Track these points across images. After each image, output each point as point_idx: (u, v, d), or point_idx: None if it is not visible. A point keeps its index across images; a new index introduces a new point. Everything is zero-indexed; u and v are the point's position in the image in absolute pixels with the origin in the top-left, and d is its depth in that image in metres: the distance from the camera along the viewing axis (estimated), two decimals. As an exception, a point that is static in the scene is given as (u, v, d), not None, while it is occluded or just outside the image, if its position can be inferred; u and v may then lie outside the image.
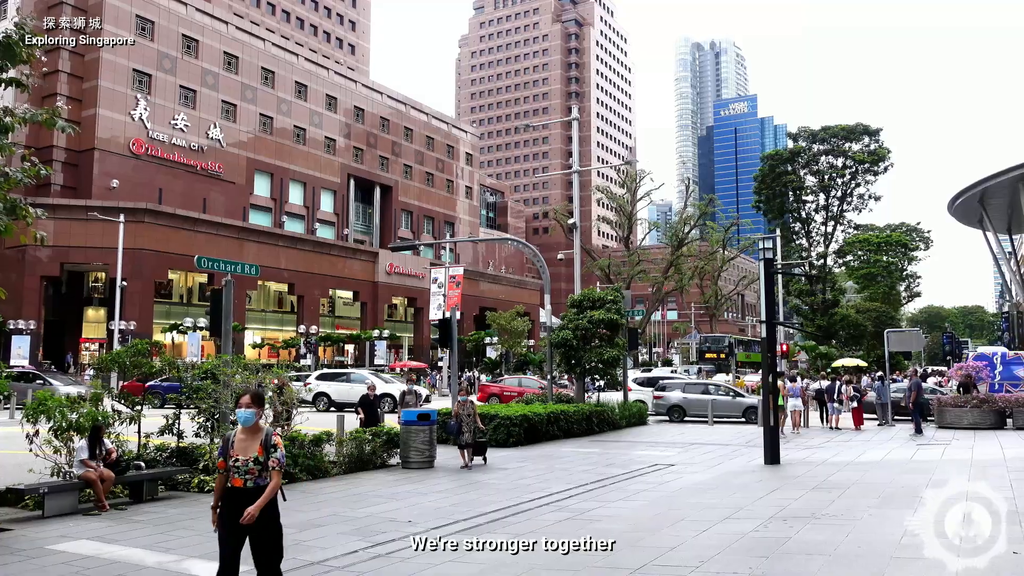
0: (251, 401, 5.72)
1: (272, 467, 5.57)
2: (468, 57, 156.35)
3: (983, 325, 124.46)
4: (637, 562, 7.16)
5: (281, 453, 5.64)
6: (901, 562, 7.07)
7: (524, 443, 18.34)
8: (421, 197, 79.58)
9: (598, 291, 25.72)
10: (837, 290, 68.91)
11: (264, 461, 5.57)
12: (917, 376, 24.80)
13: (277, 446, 5.62)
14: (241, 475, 5.54)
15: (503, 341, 55.10)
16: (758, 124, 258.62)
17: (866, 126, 64.62)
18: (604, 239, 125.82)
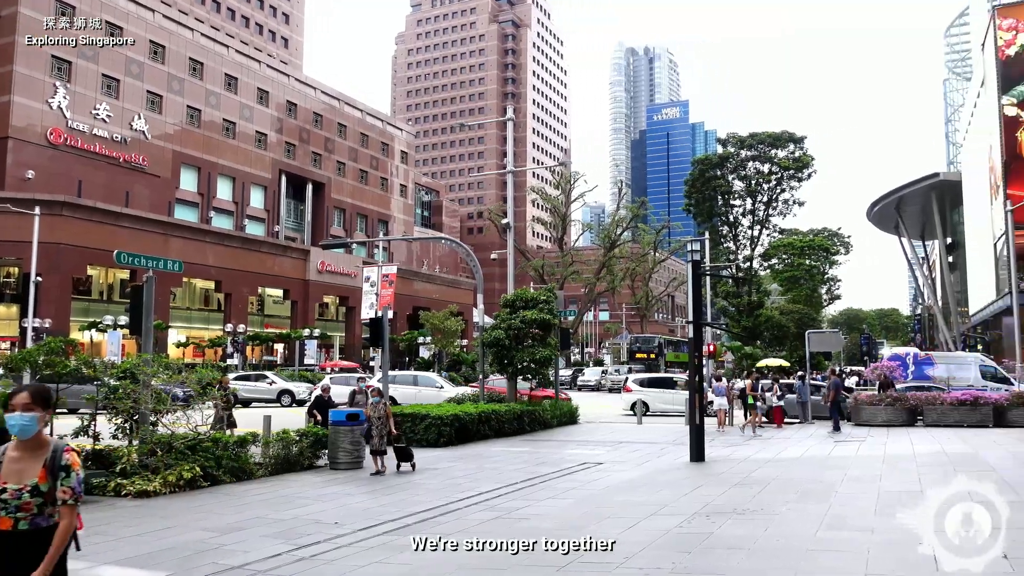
0: (30, 400, 3.84)
1: (63, 500, 3.74)
2: (404, 55, 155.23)
3: (898, 327, 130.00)
4: (562, 560, 7.21)
5: (77, 479, 3.79)
6: (816, 554, 7.32)
7: (455, 443, 18.29)
8: (354, 195, 78.57)
9: (531, 291, 25.88)
10: (762, 292, 71.05)
11: (48, 491, 3.74)
12: (836, 376, 25.72)
13: (71, 468, 3.79)
14: (9, 512, 3.70)
15: (436, 341, 54.87)
16: (689, 129, 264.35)
17: (791, 134, 66.80)
18: (538, 240, 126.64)
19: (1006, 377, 27.70)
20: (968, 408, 22.47)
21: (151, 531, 8.85)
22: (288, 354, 59.49)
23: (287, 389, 34.23)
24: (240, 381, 33.46)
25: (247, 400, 31.60)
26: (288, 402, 32.67)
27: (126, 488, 11.01)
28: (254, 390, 33.48)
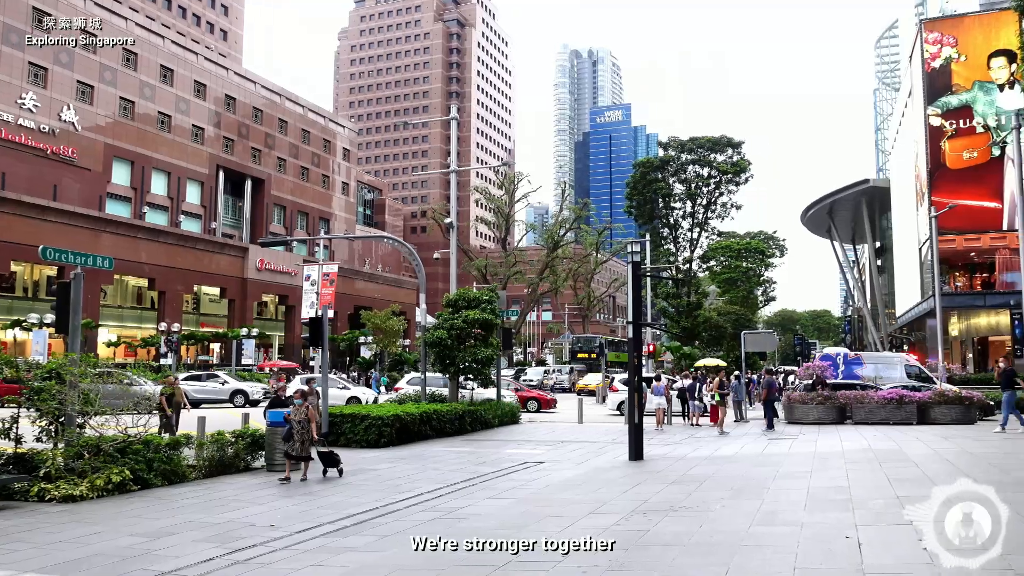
0: None
1: None
2: (348, 51, 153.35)
3: (830, 328, 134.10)
4: (503, 558, 7.24)
5: None
6: (749, 549, 7.50)
7: (396, 443, 18.17)
8: (295, 192, 77.26)
9: (474, 291, 25.87)
10: (701, 293, 72.35)
11: None
12: (770, 375, 26.40)
13: None
14: None
15: (378, 341, 54.39)
16: (631, 132, 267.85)
17: (730, 139, 68.25)
18: (482, 239, 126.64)
19: (929, 376, 28.84)
20: (894, 406, 23.33)
21: (76, 537, 8.55)
22: (225, 354, 58.17)
23: (240, 389, 33.38)
24: (191, 382, 32.72)
25: (197, 400, 30.33)
26: (242, 402, 31.91)
27: (50, 493, 10.62)
28: (205, 390, 32.61)
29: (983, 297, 41.27)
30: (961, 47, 41.35)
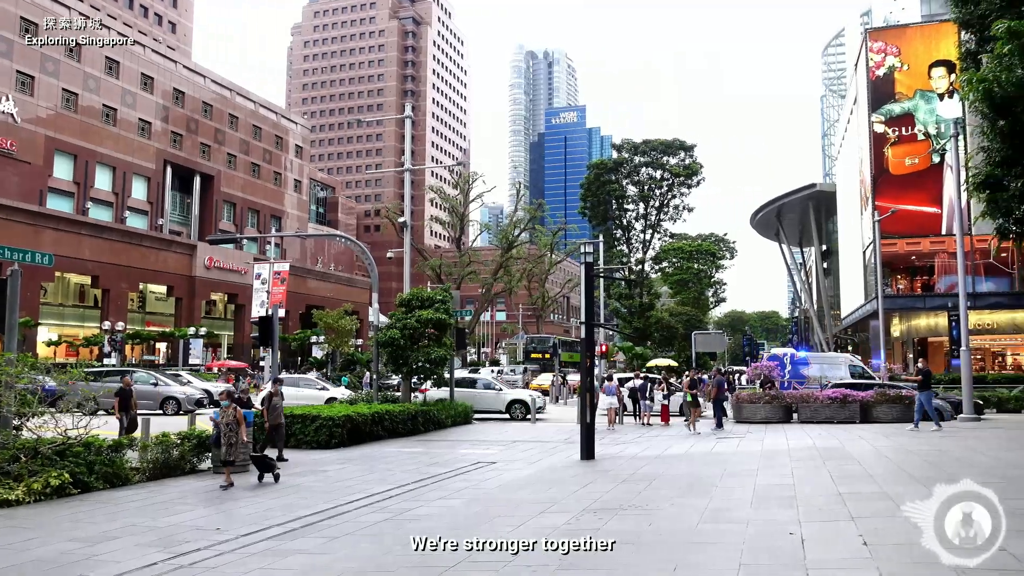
0: None
1: None
2: (301, 47, 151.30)
3: (778, 328, 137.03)
4: (453, 559, 7.22)
5: None
6: (696, 546, 7.62)
7: (347, 444, 18.01)
8: (246, 189, 75.87)
9: (428, 291, 25.78)
10: (653, 294, 73.27)
11: None
12: (719, 375, 26.84)
13: None
14: None
15: (330, 340, 53.73)
16: (586, 134, 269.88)
17: (682, 142, 69.23)
18: (436, 239, 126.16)
19: (872, 376, 29.66)
20: (838, 405, 23.94)
21: (12, 543, 8.27)
22: (171, 353, 56.86)
23: (204, 389, 32.47)
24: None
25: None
26: (206, 403, 31.18)
27: (-15, 498, 10.25)
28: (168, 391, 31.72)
29: (923, 299, 42.61)
30: (904, 56, 42.63)
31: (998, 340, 42.18)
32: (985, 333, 40.44)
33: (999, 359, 42.47)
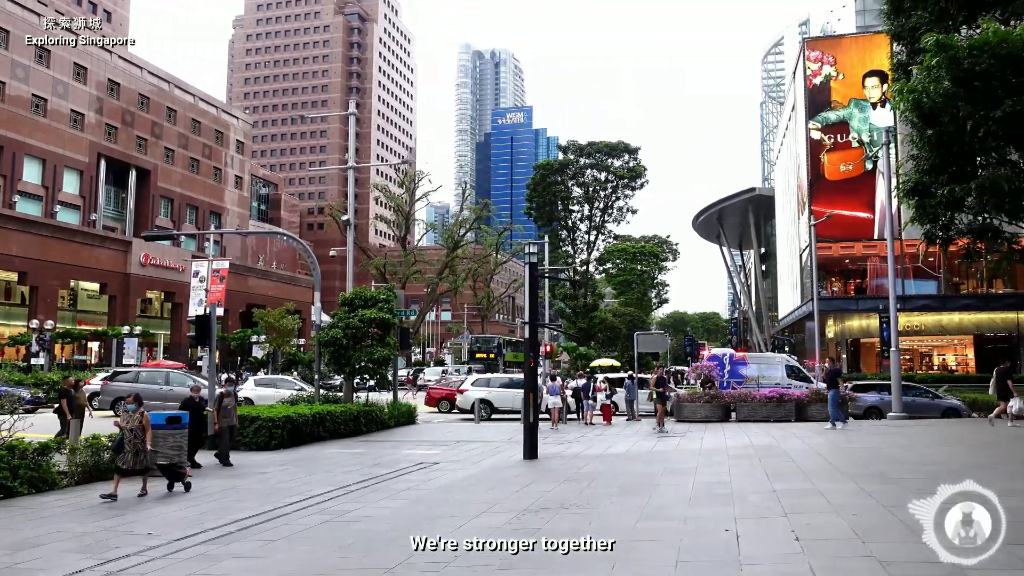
0: None
1: None
2: (243, 39, 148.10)
3: (718, 329, 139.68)
4: (393, 560, 7.16)
5: None
6: (635, 544, 7.70)
7: (287, 445, 17.72)
8: (184, 184, 73.92)
9: (371, 290, 25.53)
10: (597, 295, 73.95)
11: None
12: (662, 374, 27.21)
13: None
14: None
15: (271, 340, 52.78)
16: (532, 135, 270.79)
17: (627, 144, 70.06)
18: (381, 238, 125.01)
19: (807, 376, 30.48)
20: (775, 404, 24.53)
21: (-73, 551, 7.89)
22: (104, 353, 55.07)
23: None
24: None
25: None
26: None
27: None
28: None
29: (856, 302, 44.02)
30: (840, 66, 43.97)
31: (925, 341, 43.86)
32: (914, 334, 42.00)
33: (927, 359, 44.16)
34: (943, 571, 5.97)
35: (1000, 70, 19.29)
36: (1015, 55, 19.18)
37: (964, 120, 19.82)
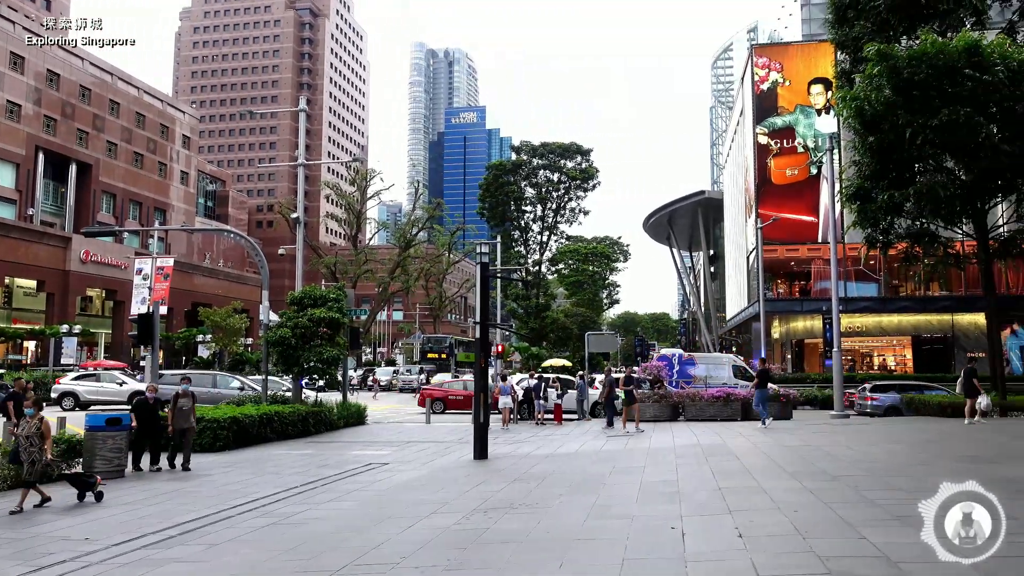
0: None
1: None
2: (190, 32, 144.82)
3: (668, 329, 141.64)
4: (340, 563, 7.08)
5: None
6: (583, 542, 7.76)
7: (233, 447, 17.41)
8: (127, 179, 71.93)
9: (321, 289, 25.21)
10: (549, 295, 74.33)
11: None
12: (611, 374, 27.46)
13: None
14: None
15: (217, 339, 51.74)
16: (486, 135, 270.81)
17: (579, 146, 70.55)
18: (332, 236, 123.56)
19: (753, 376, 31.09)
20: (721, 404, 24.98)
21: None
22: (41, 353, 53.22)
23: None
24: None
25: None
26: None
27: None
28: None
29: (800, 303, 45.05)
30: (786, 72, 44.97)
31: (866, 342, 45.13)
32: (855, 335, 43.18)
33: (867, 359, 45.43)
34: (879, 565, 6.15)
35: (937, 80, 19.98)
36: (951, 66, 19.89)
37: (903, 128, 20.48)
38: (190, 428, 14.79)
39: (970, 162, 21.27)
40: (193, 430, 15.02)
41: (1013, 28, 25.61)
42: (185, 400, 14.73)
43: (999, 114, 20.26)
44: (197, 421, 17.14)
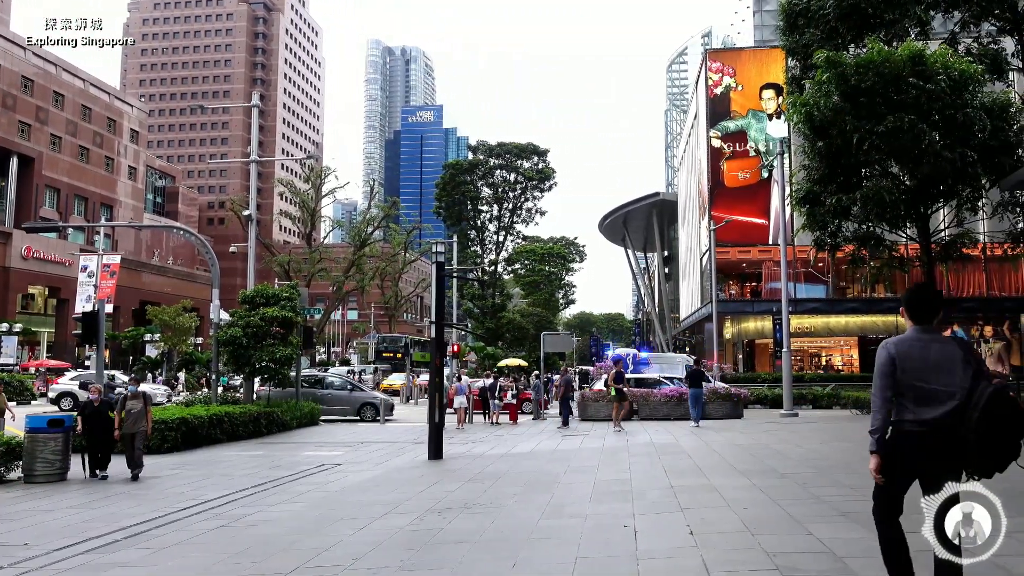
0: None
1: None
2: (139, 24, 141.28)
3: (623, 330, 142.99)
4: (291, 565, 6.98)
5: None
6: (536, 541, 7.78)
7: (182, 448, 17.05)
8: (72, 173, 69.88)
9: (273, 287, 24.85)
10: (505, 295, 74.37)
11: None
12: (568, 374, 27.65)
13: None
14: None
15: (166, 338, 50.60)
16: (443, 133, 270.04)
17: (536, 146, 70.79)
18: (286, 234, 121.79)
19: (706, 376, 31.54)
20: (675, 403, 25.28)
21: None
22: (-21, 352, 51.41)
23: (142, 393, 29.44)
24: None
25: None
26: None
27: None
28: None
29: (752, 304, 45.90)
30: (739, 77, 45.76)
31: (815, 342, 46.17)
32: (804, 336, 44.14)
33: (816, 360, 46.49)
34: (825, 560, 6.30)
35: (883, 87, 20.53)
36: (896, 74, 20.45)
37: (851, 133, 20.98)
38: (138, 432, 13.53)
39: (914, 168, 21.89)
40: (144, 435, 13.72)
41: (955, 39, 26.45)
42: (134, 403, 13.61)
43: (941, 122, 20.88)
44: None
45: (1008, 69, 25.94)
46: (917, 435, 4.29)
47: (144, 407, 13.67)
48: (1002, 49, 25.63)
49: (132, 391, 13.94)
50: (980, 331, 42.88)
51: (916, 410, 4.32)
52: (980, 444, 4.10)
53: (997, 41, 26.10)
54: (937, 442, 4.23)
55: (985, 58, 24.19)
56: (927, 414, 4.28)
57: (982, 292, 42.57)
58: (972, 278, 42.56)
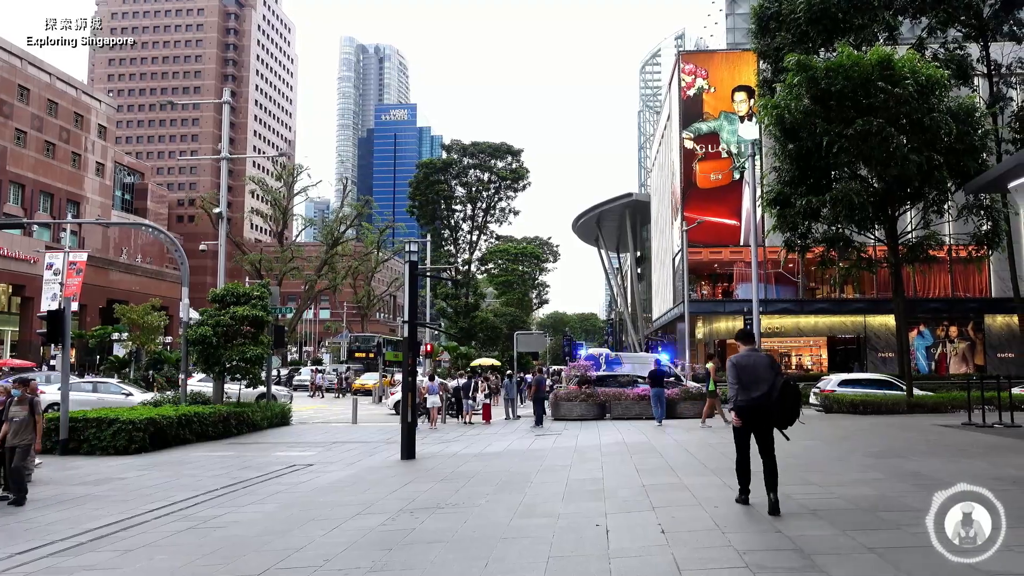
0: None
1: None
2: (108, 18, 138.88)
3: (596, 329, 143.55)
4: (262, 566, 6.91)
5: None
6: (508, 540, 7.78)
7: (150, 449, 16.82)
8: (37, 169, 68.52)
9: (244, 286, 24.58)
10: (479, 295, 74.30)
11: None
12: (541, 373, 27.68)
13: None
14: None
15: (134, 337, 49.80)
16: (416, 132, 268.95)
17: (510, 146, 70.82)
18: (257, 233, 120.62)
19: (678, 375, 31.79)
20: (647, 403, 25.40)
21: None
22: (-60, 351, 50.24)
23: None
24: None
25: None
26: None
27: None
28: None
29: (723, 304, 46.32)
30: (711, 80, 46.15)
31: (785, 342, 46.71)
32: (775, 336, 44.65)
33: (786, 359, 47.05)
34: (793, 557, 6.38)
35: (852, 91, 20.84)
36: (865, 78, 20.77)
37: (821, 136, 21.28)
38: (22, 446, 10.87)
39: (882, 170, 22.25)
40: (26, 451, 10.96)
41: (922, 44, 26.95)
42: (18, 408, 10.99)
43: (908, 125, 21.25)
44: (109, 423, 16.49)
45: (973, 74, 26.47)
46: (747, 407, 7.96)
47: (31, 416, 11.09)
48: (967, 55, 26.14)
49: (19, 395, 11.13)
50: (945, 331, 43.71)
51: (747, 393, 7.94)
52: (778, 410, 7.80)
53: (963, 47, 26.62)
54: (758, 410, 7.90)
55: (951, 63, 24.68)
56: (753, 395, 7.89)
57: (947, 293, 43.39)
58: (938, 279, 43.37)
